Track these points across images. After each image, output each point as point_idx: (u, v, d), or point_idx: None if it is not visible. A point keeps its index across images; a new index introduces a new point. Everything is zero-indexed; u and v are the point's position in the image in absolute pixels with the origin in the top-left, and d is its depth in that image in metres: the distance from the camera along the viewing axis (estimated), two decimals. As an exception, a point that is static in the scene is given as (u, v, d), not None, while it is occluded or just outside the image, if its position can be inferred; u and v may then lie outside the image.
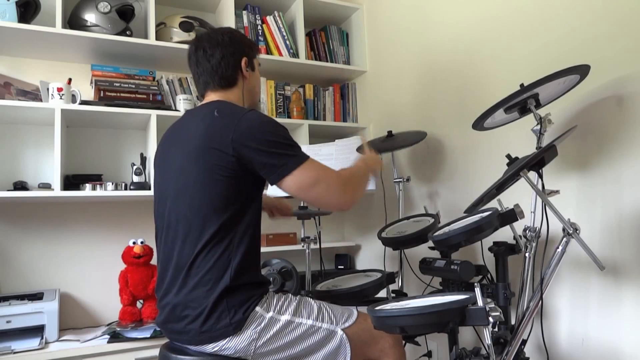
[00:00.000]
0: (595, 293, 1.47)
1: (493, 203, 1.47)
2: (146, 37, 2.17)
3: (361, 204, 2.68)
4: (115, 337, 1.83)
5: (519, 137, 1.71)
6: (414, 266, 2.14)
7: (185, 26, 2.25)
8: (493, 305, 1.00)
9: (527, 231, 1.33)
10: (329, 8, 2.66)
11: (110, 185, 2.04)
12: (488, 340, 1.02)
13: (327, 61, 2.68)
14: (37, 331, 1.80)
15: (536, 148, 1.32)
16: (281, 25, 2.49)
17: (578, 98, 1.51)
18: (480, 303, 1.01)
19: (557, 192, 1.30)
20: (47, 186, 2.02)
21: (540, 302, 1.25)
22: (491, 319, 0.99)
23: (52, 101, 1.95)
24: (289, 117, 2.55)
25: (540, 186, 1.28)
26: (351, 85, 2.77)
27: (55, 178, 1.90)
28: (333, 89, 2.73)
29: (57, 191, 1.89)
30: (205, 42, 1.39)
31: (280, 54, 2.46)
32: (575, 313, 1.53)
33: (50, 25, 1.95)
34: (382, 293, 1.76)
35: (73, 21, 2.08)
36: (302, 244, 1.95)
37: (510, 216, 1.32)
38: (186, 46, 2.16)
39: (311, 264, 2.03)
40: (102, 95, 2.09)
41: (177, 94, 2.31)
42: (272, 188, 1.93)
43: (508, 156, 1.33)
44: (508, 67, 1.76)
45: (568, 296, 1.55)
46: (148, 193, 2.05)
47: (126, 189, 2.06)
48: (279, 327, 1.23)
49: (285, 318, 1.25)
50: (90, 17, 2.05)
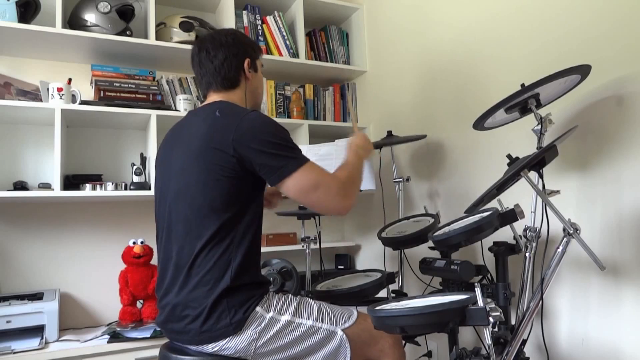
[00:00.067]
0: (595, 293, 1.47)
1: (493, 203, 1.47)
2: (146, 37, 2.17)
3: (361, 204, 2.68)
4: (115, 337, 1.83)
5: (520, 137, 1.71)
6: (414, 266, 2.14)
7: (185, 26, 2.25)
8: (493, 305, 1.00)
9: (528, 231, 1.33)
10: (329, 8, 2.66)
11: (110, 185, 2.04)
12: (488, 340, 1.02)
13: (327, 61, 2.67)
14: (37, 331, 1.80)
15: (537, 148, 1.32)
16: (281, 25, 2.49)
17: (578, 98, 1.51)
18: (480, 303, 1.01)
19: (558, 192, 1.30)
20: (47, 186, 2.02)
21: (540, 302, 1.25)
22: (491, 319, 0.99)
23: (52, 101, 1.95)
24: (289, 117, 2.55)
25: (540, 186, 1.28)
26: (351, 85, 2.77)
27: (55, 178, 1.90)
28: (333, 89, 2.73)
29: (57, 191, 1.89)
30: (208, 43, 1.39)
31: (280, 54, 2.46)
32: (575, 313, 1.53)
33: (50, 25, 1.95)
34: (382, 293, 1.76)
35: (73, 21, 2.07)
36: (302, 244, 1.96)
37: (510, 216, 1.32)
38: (186, 46, 2.18)
39: (311, 264, 2.03)
40: (102, 95, 2.09)
41: (177, 94, 2.31)
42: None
43: (508, 156, 1.33)
44: (508, 67, 1.76)
45: (568, 296, 1.55)
46: (148, 193, 2.05)
47: (126, 189, 2.06)
48: (279, 328, 1.24)
49: (285, 318, 1.25)
50: (90, 17, 2.05)
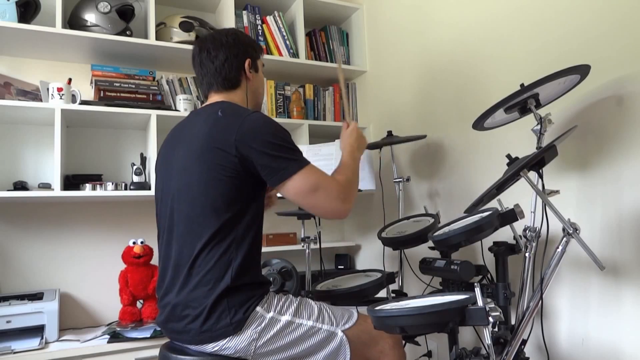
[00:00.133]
0: (595, 293, 1.47)
1: (493, 203, 1.47)
2: (146, 37, 2.17)
3: (361, 204, 2.68)
4: (115, 337, 1.84)
5: (519, 137, 1.71)
6: (414, 266, 2.14)
7: (185, 26, 2.25)
8: (493, 305, 1.00)
9: (527, 231, 1.33)
10: (329, 8, 2.66)
11: (110, 185, 2.04)
12: (488, 340, 1.02)
13: (327, 61, 2.67)
14: (37, 331, 1.80)
15: (536, 148, 1.32)
16: (281, 25, 2.48)
17: (578, 98, 1.51)
18: (480, 303, 1.01)
19: (557, 192, 1.30)
20: (47, 186, 2.02)
21: (540, 302, 1.25)
22: (491, 319, 0.99)
23: (52, 101, 1.95)
24: (289, 117, 2.55)
25: (540, 186, 1.28)
26: (351, 85, 2.77)
27: (55, 178, 1.90)
28: (333, 89, 2.73)
29: (57, 191, 1.89)
30: (209, 43, 1.39)
31: (280, 54, 2.46)
32: (575, 313, 1.53)
33: (50, 25, 1.95)
34: (382, 293, 1.76)
35: (73, 21, 2.07)
36: (302, 244, 1.96)
37: (510, 216, 1.32)
38: (186, 46, 2.18)
39: (311, 264, 2.03)
40: (102, 95, 2.09)
41: (177, 94, 2.31)
42: None
43: (508, 156, 1.33)
44: (508, 67, 1.76)
45: (568, 296, 1.55)
46: (148, 193, 2.05)
47: (126, 189, 2.06)
48: (280, 328, 1.24)
49: (285, 318, 1.25)
50: (90, 17, 2.05)
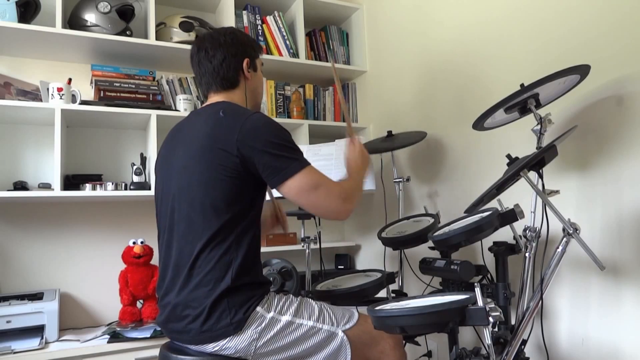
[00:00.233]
0: (595, 293, 1.47)
1: (493, 203, 1.47)
2: (146, 37, 2.17)
3: (361, 204, 2.68)
4: (115, 337, 1.83)
5: (519, 137, 1.71)
6: (414, 266, 2.14)
7: (185, 26, 2.25)
8: (493, 305, 1.00)
9: (527, 231, 1.33)
10: (329, 8, 2.66)
11: (110, 185, 2.04)
12: (488, 340, 1.02)
13: (327, 61, 2.67)
14: (37, 331, 1.80)
15: (536, 148, 1.32)
16: (281, 25, 2.48)
17: (578, 98, 1.51)
18: (480, 303, 1.01)
19: (557, 192, 1.30)
20: (47, 186, 2.02)
21: (540, 302, 1.25)
22: (491, 319, 0.99)
23: (52, 101, 1.95)
24: (289, 117, 2.55)
25: (540, 186, 1.28)
26: (351, 85, 2.77)
27: (55, 178, 1.90)
28: (333, 89, 2.73)
29: (57, 191, 1.89)
30: (207, 43, 1.39)
31: (280, 54, 2.46)
32: (575, 313, 1.53)
33: (50, 25, 1.95)
34: (382, 293, 1.76)
35: (73, 21, 2.07)
36: (302, 244, 1.96)
37: (510, 216, 1.32)
38: (186, 46, 2.18)
39: (311, 264, 2.03)
40: (102, 95, 2.09)
41: (177, 94, 2.31)
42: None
43: (508, 156, 1.33)
44: (508, 67, 1.76)
45: (568, 296, 1.55)
46: (148, 193, 2.05)
47: (126, 189, 2.06)
48: (280, 328, 1.23)
49: (286, 319, 1.25)
50: (90, 17, 2.05)
